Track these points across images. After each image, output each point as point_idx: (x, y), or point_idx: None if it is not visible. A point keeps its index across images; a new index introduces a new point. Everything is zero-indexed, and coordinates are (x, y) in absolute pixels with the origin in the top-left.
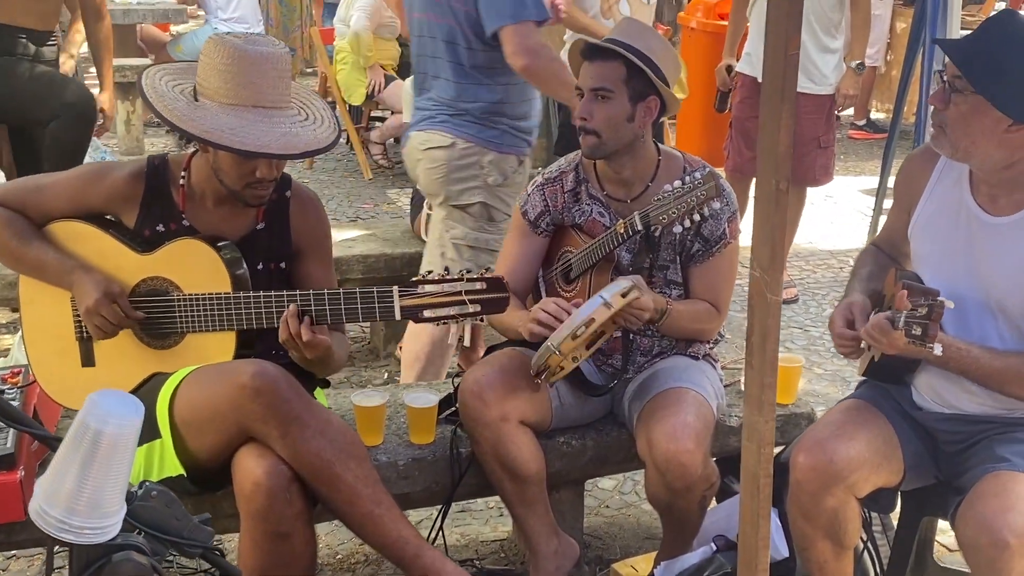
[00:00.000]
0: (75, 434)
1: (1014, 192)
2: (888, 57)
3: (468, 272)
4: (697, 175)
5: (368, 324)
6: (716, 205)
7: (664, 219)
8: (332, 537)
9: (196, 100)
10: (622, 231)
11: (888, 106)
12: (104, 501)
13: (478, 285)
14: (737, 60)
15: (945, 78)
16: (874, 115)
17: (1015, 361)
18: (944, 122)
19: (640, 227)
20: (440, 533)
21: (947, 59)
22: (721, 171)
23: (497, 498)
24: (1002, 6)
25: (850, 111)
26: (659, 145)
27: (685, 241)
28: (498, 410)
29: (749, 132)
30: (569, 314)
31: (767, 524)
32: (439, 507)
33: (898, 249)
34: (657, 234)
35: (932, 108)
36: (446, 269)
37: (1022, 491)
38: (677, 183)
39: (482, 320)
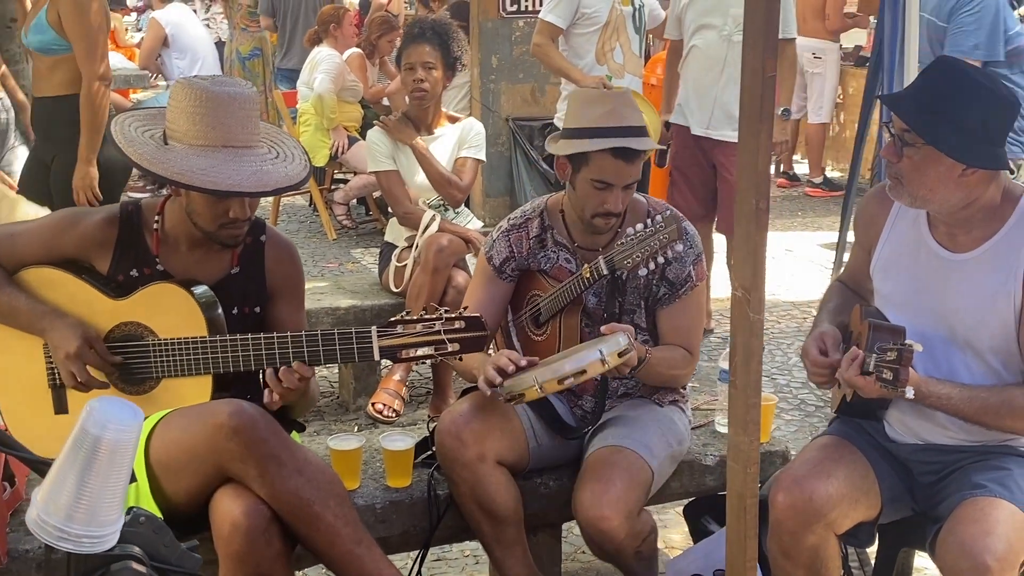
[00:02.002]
0: (74, 441)
1: (972, 229)
2: (840, 118)
3: (446, 311)
4: (659, 218)
5: (337, 380)
6: (679, 247)
7: (628, 263)
8: None
9: (166, 144)
10: (587, 275)
11: (842, 165)
12: (103, 509)
13: (457, 324)
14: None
15: (894, 131)
16: (830, 173)
17: (993, 400)
18: (899, 174)
19: (605, 271)
20: None
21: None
22: None
23: (473, 545)
24: None
25: (805, 169)
26: None
27: (651, 286)
28: (476, 450)
29: (691, 179)
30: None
31: (754, 545)
32: (415, 553)
33: (862, 286)
34: (624, 278)
35: (886, 161)
36: (424, 309)
37: (1000, 516)
38: (640, 226)
39: (460, 359)
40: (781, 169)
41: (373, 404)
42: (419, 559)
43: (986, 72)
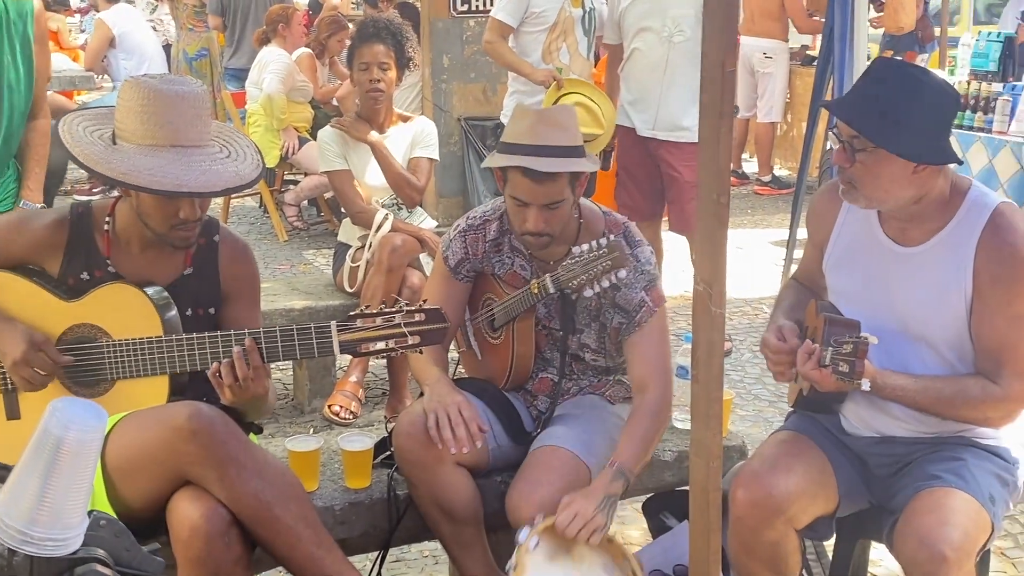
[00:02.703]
0: (36, 442)
1: (922, 223)
2: (788, 117)
3: (406, 304)
4: (603, 241)
5: (291, 382)
6: (623, 273)
7: (574, 283)
8: None
9: (115, 144)
10: (536, 291)
11: (791, 163)
12: (66, 511)
13: (417, 317)
14: None
15: (843, 138)
16: (778, 171)
17: (947, 390)
18: (852, 178)
19: (552, 289)
20: None
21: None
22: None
23: (432, 546)
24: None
25: (754, 168)
26: (581, 205)
27: (602, 311)
28: (434, 452)
29: (638, 179)
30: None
31: (718, 538)
32: (375, 554)
33: (816, 283)
34: (574, 298)
35: (838, 166)
36: (384, 303)
37: (955, 506)
38: (586, 246)
39: (421, 351)
40: (730, 167)
41: (329, 406)
42: (379, 560)
43: (924, 69)
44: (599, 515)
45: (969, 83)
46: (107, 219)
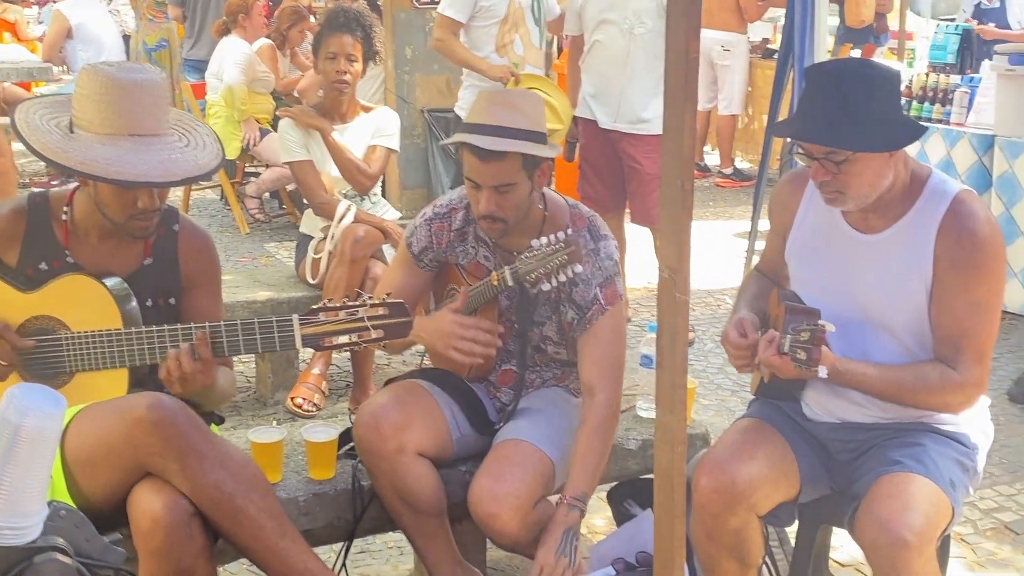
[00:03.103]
0: None
1: (885, 211)
2: (749, 110)
3: (369, 297)
4: (561, 235)
5: (254, 375)
6: (579, 268)
7: (532, 277)
8: None
9: (72, 132)
10: (495, 283)
11: (752, 156)
12: (24, 500)
13: (380, 310)
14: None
15: (817, 156)
16: (739, 164)
17: (907, 376)
18: (839, 187)
19: (511, 282)
20: (344, 570)
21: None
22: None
23: (397, 537)
24: (857, 53)
25: (716, 160)
26: (547, 197)
27: (560, 304)
28: (395, 442)
29: (601, 171)
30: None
31: (682, 524)
32: (339, 545)
33: (779, 272)
34: (534, 292)
35: (819, 182)
36: (347, 296)
37: (916, 491)
38: (544, 240)
39: (384, 346)
40: (718, 170)
41: (292, 398)
42: (343, 551)
43: (856, 60)
44: (562, 558)
45: (927, 75)
46: (65, 209)
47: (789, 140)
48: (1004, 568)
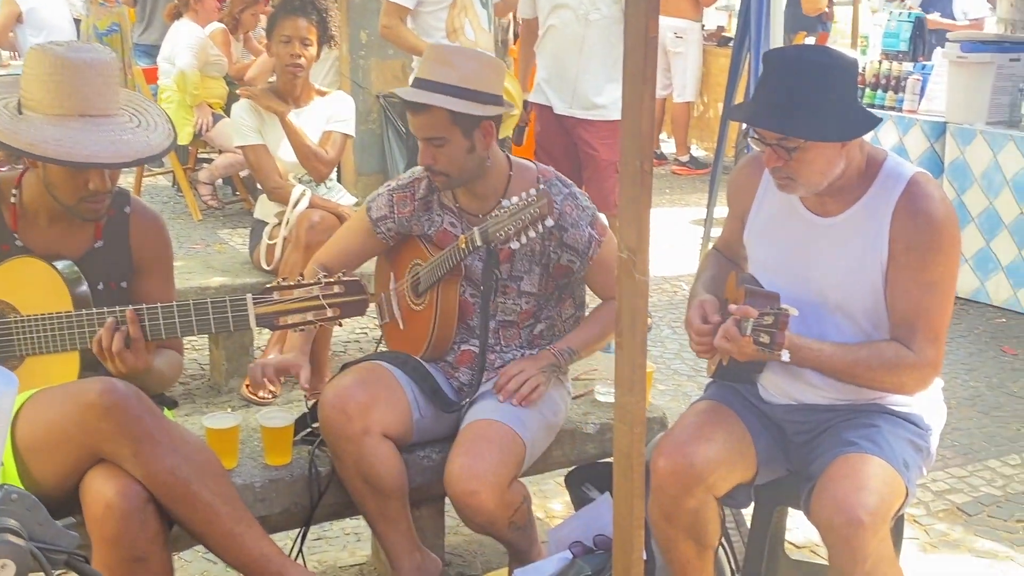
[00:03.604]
0: None
1: (842, 194)
2: (704, 98)
3: (324, 276)
4: (532, 192)
5: (207, 362)
6: (549, 222)
7: (501, 235)
8: (183, 572)
9: (20, 113)
10: (463, 246)
11: (707, 143)
12: None
13: (336, 288)
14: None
15: (770, 143)
16: (695, 151)
17: (863, 354)
18: (791, 174)
19: (480, 242)
20: (300, 556)
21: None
22: None
23: (354, 523)
24: (811, 40)
25: (671, 148)
26: (512, 159)
27: (547, 252)
28: (361, 423)
29: (556, 157)
30: None
31: (641, 504)
32: (296, 531)
33: (736, 254)
34: (497, 248)
35: (771, 168)
36: (301, 275)
37: (871, 471)
38: (515, 199)
39: (340, 324)
40: (674, 157)
41: (247, 385)
42: (300, 538)
43: (816, 48)
44: (542, 375)
45: (880, 63)
46: (13, 191)
47: (744, 126)
48: (956, 549)
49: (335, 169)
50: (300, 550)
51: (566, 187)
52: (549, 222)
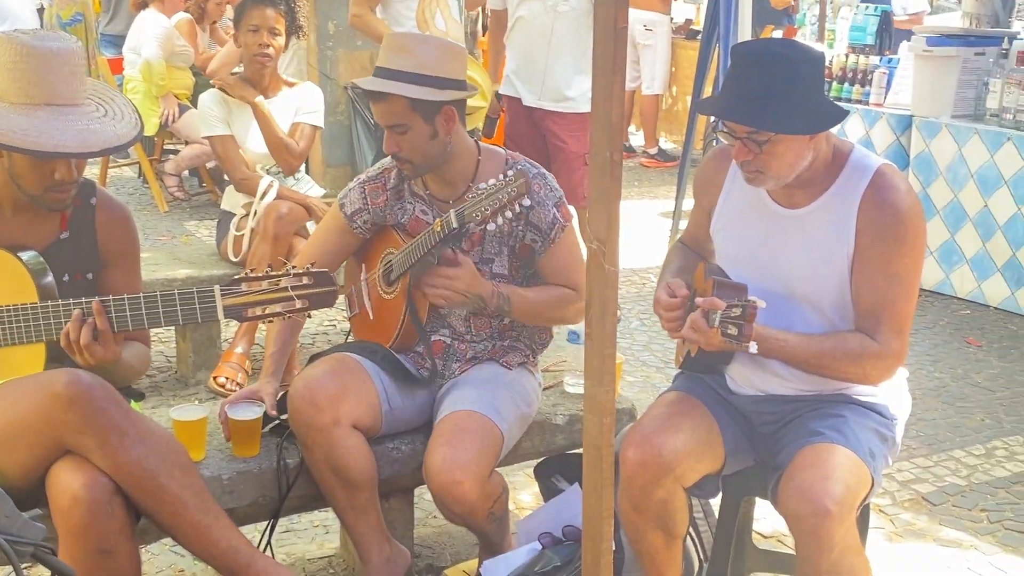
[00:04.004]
0: None
1: (809, 186)
2: (673, 91)
3: (293, 267)
4: (510, 173)
5: (174, 355)
6: (527, 202)
7: (477, 216)
8: (150, 565)
9: None
10: (439, 229)
11: (676, 136)
12: None
13: (304, 280)
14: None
15: (740, 136)
16: (664, 144)
17: (828, 345)
18: (760, 167)
19: (456, 224)
20: (268, 548)
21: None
22: None
23: (322, 515)
24: (779, 34)
25: (640, 141)
26: (481, 144)
27: (515, 232)
28: (331, 414)
29: (525, 149)
30: None
31: (610, 494)
32: (264, 524)
33: (703, 246)
34: (468, 231)
35: (740, 162)
36: (269, 266)
37: (837, 461)
38: (492, 181)
39: (309, 316)
40: (643, 150)
41: (215, 377)
42: (268, 530)
43: (782, 41)
44: (463, 297)
45: (847, 56)
46: None
47: (712, 119)
48: (921, 538)
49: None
50: (268, 542)
51: (535, 168)
52: (526, 202)
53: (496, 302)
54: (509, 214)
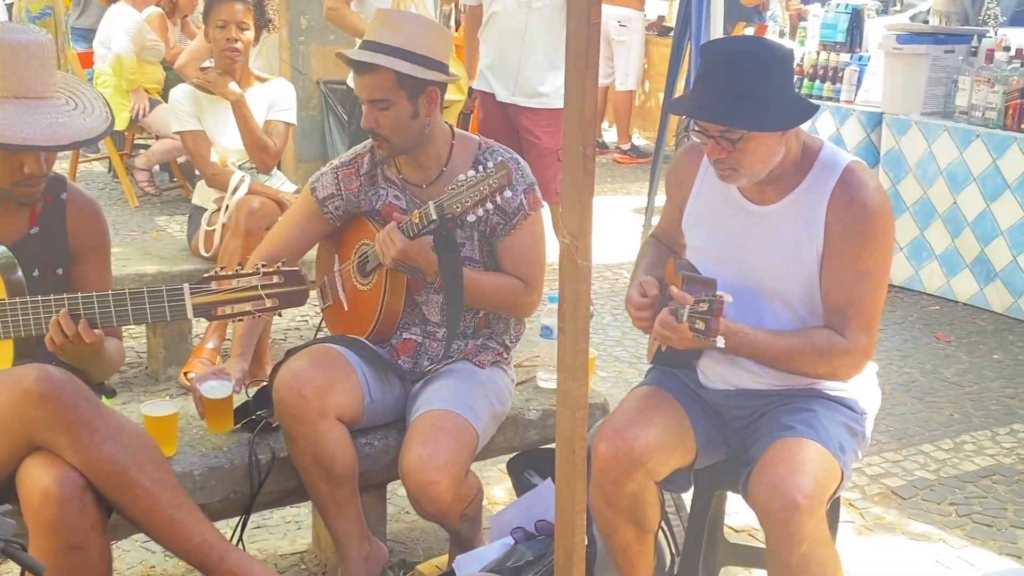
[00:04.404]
0: None
1: (779, 182)
2: (646, 87)
3: (263, 265)
4: (491, 164)
5: (145, 351)
6: (508, 194)
7: (458, 208)
8: (121, 561)
9: None
10: (416, 221)
11: (648, 132)
12: None
13: (275, 279)
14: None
15: (713, 135)
16: (636, 140)
17: (796, 341)
18: (733, 165)
19: (435, 216)
20: (240, 544)
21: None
22: None
23: (294, 511)
24: (751, 31)
25: (613, 137)
26: (455, 129)
27: (488, 216)
28: (317, 405)
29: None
30: None
31: (583, 488)
32: (236, 519)
33: (675, 242)
34: (455, 223)
35: (713, 160)
36: (240, 264)
37: (807, 455)
38: (472, 172)
39: (280, 315)
40: (616, 146)
41: (185, 373)
42: (240, 526)
43: (751, 39)
44: (396, 264)
45: (818, 54)
46: None
47: (685, 117)
48: (891, 531)
49: None
50: (240, 538)
51: (508, 153)
52: (508, 193)
53: (435, 277)
54: (490, 205)
